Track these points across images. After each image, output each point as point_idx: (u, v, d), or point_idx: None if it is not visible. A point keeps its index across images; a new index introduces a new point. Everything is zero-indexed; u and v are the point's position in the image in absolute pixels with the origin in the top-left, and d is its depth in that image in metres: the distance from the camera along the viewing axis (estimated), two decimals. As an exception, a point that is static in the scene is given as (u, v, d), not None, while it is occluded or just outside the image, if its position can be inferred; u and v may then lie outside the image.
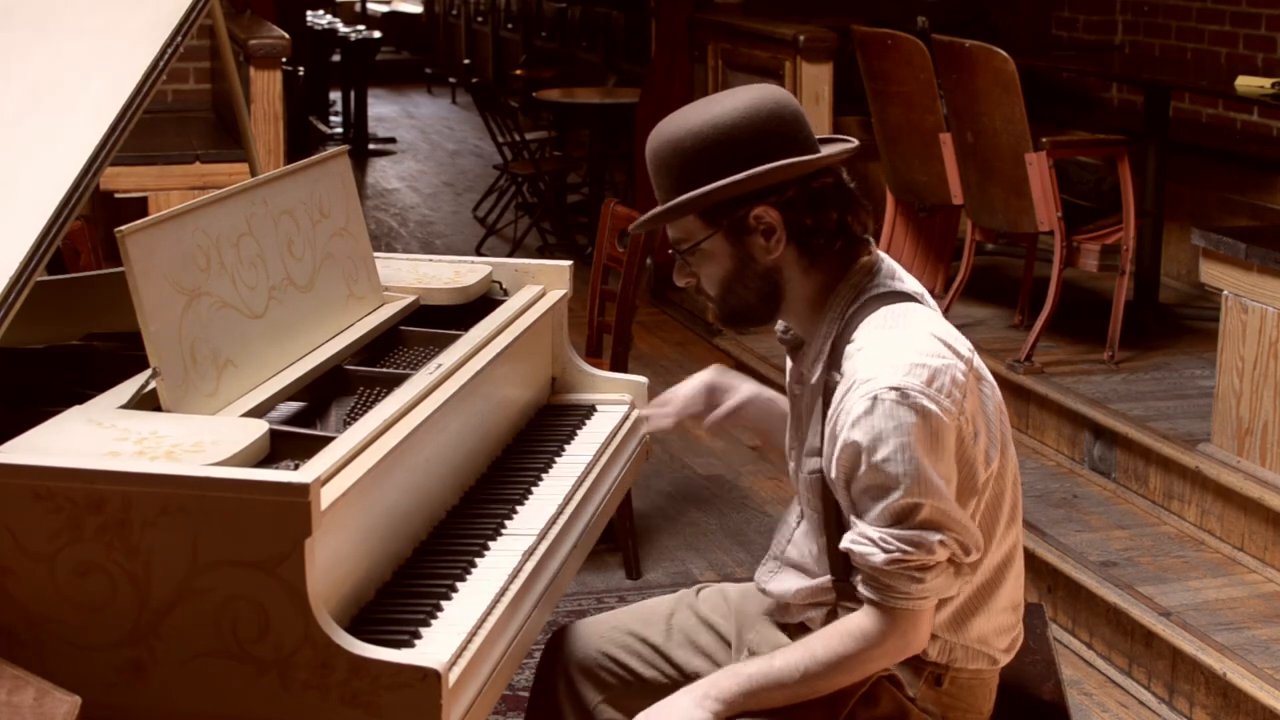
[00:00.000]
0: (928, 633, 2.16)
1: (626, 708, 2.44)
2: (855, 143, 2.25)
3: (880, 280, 2.20)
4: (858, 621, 2.14)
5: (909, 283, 2.23)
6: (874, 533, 2.09)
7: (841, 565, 2.21)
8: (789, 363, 2.38)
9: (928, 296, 2.25)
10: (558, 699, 2.50)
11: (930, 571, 2.09)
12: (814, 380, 2.22)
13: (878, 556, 2.08)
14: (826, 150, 2.20)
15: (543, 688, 2.53)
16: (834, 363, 2.17)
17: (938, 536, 2.07)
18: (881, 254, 2.25)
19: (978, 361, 2.19)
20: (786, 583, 2.33)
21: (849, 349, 2.14)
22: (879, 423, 2.06)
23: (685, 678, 2.42)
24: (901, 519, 2.07)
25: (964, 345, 2.17)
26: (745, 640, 2.41)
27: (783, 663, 2.18)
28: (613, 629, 2.52)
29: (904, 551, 2.07)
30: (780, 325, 2.33)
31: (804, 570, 2.32)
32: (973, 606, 2.23)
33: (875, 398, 2.06)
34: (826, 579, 2.25)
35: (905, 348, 2.10)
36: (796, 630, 2.33)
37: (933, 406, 2.06)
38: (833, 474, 2.14)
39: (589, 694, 2.48)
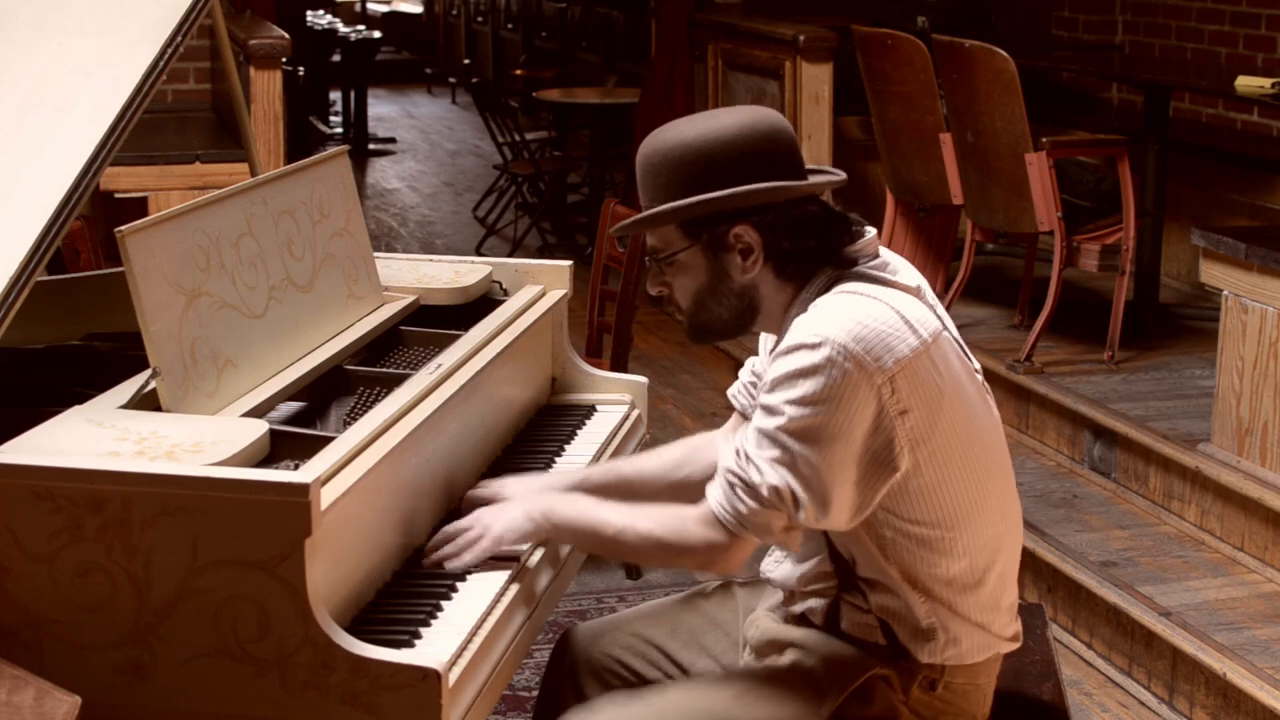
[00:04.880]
0: (737, 565, 2.20)
1: None
2: (843, 175, 2.27)
3: (863, 268, 2.20)
4: (687, 515, 2.19)
5: (903, 275, 2.22)
6: (739, 440, 2.15)
7: (834, 545, 2.24)
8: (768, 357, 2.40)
9: (927, 292, 2.23)
10: (564, 702, 2.50)
11: (758, 505, 2.10)
12: None
13: (727, 459, 2.15)
14: (814, 180, 2.22)
15: (549, 690, 2.53)
16: None
17: (780, 478, 2.08)
18: (885, 250, 2.25)
19: (942, 354, 2.15)
20: (789, 569, 2.34)
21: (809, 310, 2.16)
22: (794, 360, 2.08)
23: (689, 678, 2.42)
24: (764, 444, 2.10)
25: (929, 331, 2.14)
26: (748, 637, 2.41)
27: (610, 515, 2.28)
28: (619, 630, 2.52)
29: (743, 470, 2.11)
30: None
31: (806, 558, 2.32)
32: (958, 592, 2.23)
33: (800, 339, 2.09)
34: (823, 558, 2.26)
35: (853, 309, 2.11)
36: (798, 621, 2.33)
37: (846, 363, 2.05)
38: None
39: (594, 696, 2.47)
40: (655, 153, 2.21)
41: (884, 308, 2.12)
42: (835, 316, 2.10)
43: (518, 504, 2.37)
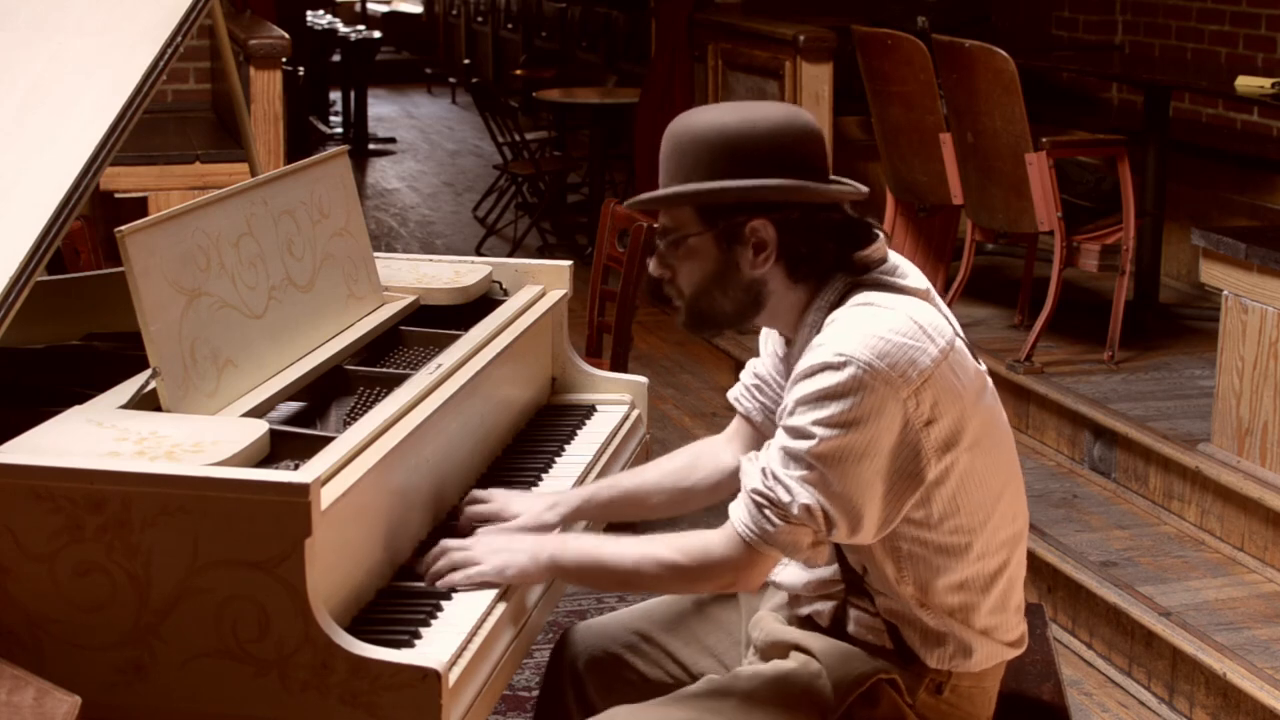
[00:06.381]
0: (759, 581, 2.19)
1: None
2: (865, 189, 2.22)
3: (876, 274, 2.19)
4: (709, 538, 2.17)
5: (912, 279, 2.21)
6: (764, 460, 2.12)
7: (845, 557, 2.23)
8: (771, 359, 2.38)
9: (934, 295, 2.23)
10: (565, 701, 2.49)
11: (786, 524, 2.09)
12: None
13: (753, 480, 2.12)
14: (837, 187, 2.18)
15: (549, 689, 2.52)
16: None
17: (811, 497, 2.07)
18: (893, 253, 2.24)
19: (959, 359, 2.14)
20: (795, 574, 2.34)
21: (824, 325, 2.15)
22: (819, 382, 2.06)
23: (691, 677, 2.41)
24: (791, 464, 2.08)
25: (945, 338, 2.13)
26: (752, 638, 2.41)
27: (623, 550, 2.24)
28: (619, 628, 2.52)
29: (771, 490, 2.09)
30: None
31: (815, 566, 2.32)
32: (970, 602, 2.23)
33: (824, 360, 2.07)
34: (834, 569, 2.26)
35: (872, 323, 2.09)
36: (803, 623, 2.33)
37: (873, 381, 2.04)
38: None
39: (595, 695, 2.47)
40: (687, 131, 2.17)
41: (902, 318, 2.10)
42: (856, 333, 2.08)
43: (526, 542, 2.32)
